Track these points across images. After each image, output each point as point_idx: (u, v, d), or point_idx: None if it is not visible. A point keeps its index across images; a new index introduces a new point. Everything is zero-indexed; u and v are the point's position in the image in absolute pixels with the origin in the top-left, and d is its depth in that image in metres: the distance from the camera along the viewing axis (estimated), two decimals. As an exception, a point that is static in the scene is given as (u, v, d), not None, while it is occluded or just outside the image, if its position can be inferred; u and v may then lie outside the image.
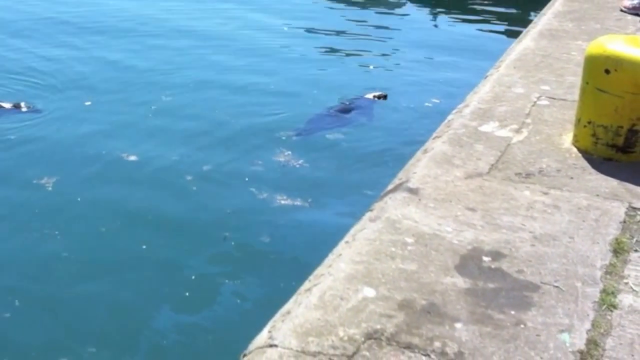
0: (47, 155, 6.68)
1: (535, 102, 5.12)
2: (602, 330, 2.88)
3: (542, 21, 7.20)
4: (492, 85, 5.43)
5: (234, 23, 11.15)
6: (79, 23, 10.70)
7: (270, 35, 10.64)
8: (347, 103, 8.01)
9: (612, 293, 3.09)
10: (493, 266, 3.25)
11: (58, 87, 8.31)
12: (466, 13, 12.23)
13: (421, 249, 3.34)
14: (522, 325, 2.87)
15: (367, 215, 3.73)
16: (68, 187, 6.10)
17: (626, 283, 3.18)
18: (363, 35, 10.93)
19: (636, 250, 3.42)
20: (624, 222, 3.64)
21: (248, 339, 2.90)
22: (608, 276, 3.21)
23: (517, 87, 5.37)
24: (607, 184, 4.02)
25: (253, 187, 6.18)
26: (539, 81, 5.49)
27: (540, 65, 5.85)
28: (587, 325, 2.90)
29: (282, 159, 6.68)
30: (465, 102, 5.26)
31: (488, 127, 4.69)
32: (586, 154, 4.35)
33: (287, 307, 3.02)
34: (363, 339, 2.75)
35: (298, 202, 5.98)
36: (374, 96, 8.18)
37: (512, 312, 2.95)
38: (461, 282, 3.12)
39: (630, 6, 7.33)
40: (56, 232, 5.46)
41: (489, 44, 10.62)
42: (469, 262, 3.26)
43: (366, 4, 12.60)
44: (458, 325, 2.86)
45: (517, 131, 4.64)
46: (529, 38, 6.63)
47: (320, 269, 3.27)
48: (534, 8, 10.84)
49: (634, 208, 3.77)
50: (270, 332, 2.82)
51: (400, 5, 12.82)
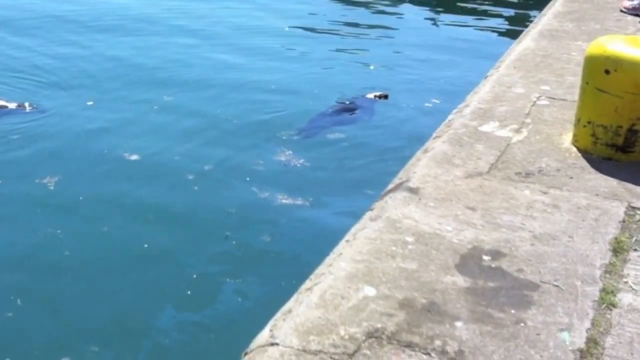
0: (50, 155, 6.68)
1: (535, 102, 5.13)
2: (601, 329, 2.89)
3: (542, 21, 7.21)
4: (492, 85, 5.44)
5: (236, 22, 11.15)
6: (82, 21, 10.71)
7: (271, 34, 10.64)
8: (348, 102, 8.02)
9: (612, 292, 3.10)
10: (493, 265, 3.26)
11: (61, 85, 8.33)
12: (466, 13, 12.24)
13: (421, 248, 3.35)
14: (522, 324, 2.88)
15: (368, 214, 3.74)
16: (70, 186, 6.11)
17: (625, 282, 3.19)
18: (364, 34, 10.94)
19: (635, 250, 3.43)
20: (624, 221, 3.65)
21: (249, 337, 2.91)
22: (607, 275, 3.22)
23: (517, 87, 5.38)
24: (606, 183, 4.03)
25: (254, 186, 6.19)
26: (539, 81, 5.51)
27: (540, 65, 5.86)
28: (587, 324, 2.91)
29: (283, 158, 6.69)
30: (466, 102, 5.27)
31: (488, 127, 4.70)
32: (586, 154, 4.36)
33: (288, 305, 3.03)
34: (364, 337, 2.76)
35: (299, 201, 5.99)
36: (375, 96, 8.19)
37: (512, 311, 2.96)
38: (461, 281, 3.13)
39: (630, 7, 7.35)
40: (58, 230, 5.47)
41: (489, 44, 10.64)
42: (469, 261, 3.27)
43: (367, 3, 12.61)
44: (458, 324, 2.87)
45: (517, 131, 4.65)
46: (529, 38, 6.64)
47: (321, 268, 3.28)
48: (534, 8, 10.85)
49: (634, 207, 3.78)
50: (271, 330, 2.83)
51: (401, 5, 12.83)
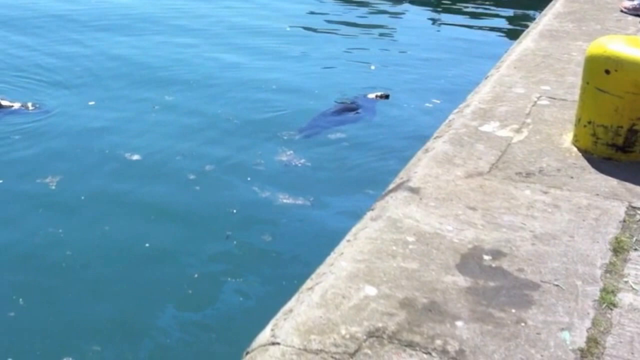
0: (52, 155, 6.69)
1: (535, 102, 5.13)
2: (602, 329, 2.89)
3: (543, 22, 7.22)
4: (492, 86, 5.45)
5: (238, 21, 11.18)
6: (84, 21, 10.77)
7: (273, 34, 10.66)
8: (349, 102, 8.03)
9: (612, 292, 3.11)
10: (494, 265, 3.26)
11: (64, 85, 8.35)
12: (467, 14, 12.26)
13: (422, 248, 3.36)
14: (523, 324, 2.89)
15: (369, 214, 3.75)
16: (72, 186, 6.12)
17: (626, 282, 3.20)
18: (365, 34, 10.95)
19: (636, 249, 3.44)
20: (624, 221, 3.66)
21: (251, 336, 2.92)
22: (608, 275, 3.23)
23: (518, 87, 5.39)
24: (607, 183, 4.03)
25: (255, 186, 6.20)
26: (540, 81, 5.51)
27: (541, 65, 5.87)
28: (588, 323, 2.91)
29: (284, 158, 6.70)
30: (466, 102, 5.28)
31: (489, 127, 4.71)
32: (586, 154, 4.36)
33: (289, 305, 3.03)
34: (365, 337, 2.77)
35: (300, 201, 6.00)
36: (376, 96, 8.20)
37: (513, 311, 2.97)
38: (462, 281, 3.14)
39: (631, 7, 7.36)
40: (60, 230, 5.49)
41: (490, 44, 10.66)
42: (470, 261, 3.28)
43: (368, 3, 12.62)
44: (459, 323, 2.88)
45: (518, 131, 4.66)
46: (529, 38, 6.65)
47: (322, 268, 3.29)
48: (535, 9, 10.86)
49: (634, 207, 3.78)
50: (272, 330, 2.83)
51: (402, 5, 12.84)
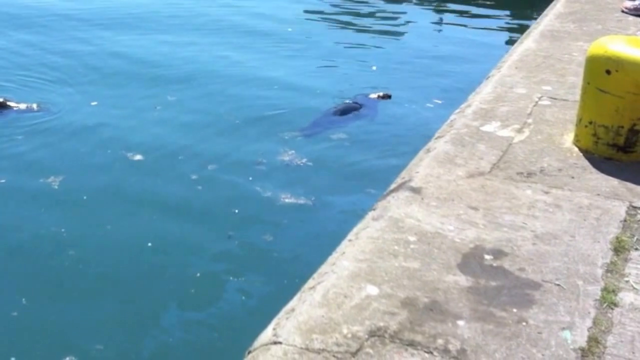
0: (55, 155, 6.69)
1: (536, 102, 5.14)
2: (603, 328, 2.90)
3: (544, 22, 7.23)
4: (494, 86, 5.46)
5: (240, 20, 11.21)
6: (87, 19, 10.81)
7: (274, 34, 10.67)
8: (351, 102, 8.03)
9: (613, 291, 3.12)
10: (495, 264, 3.27)
11: (69, 82, 8.38)
12: (468, 14, 12.27)
13: (424, 248, 3.37)
14: (524, 323, 2.90)
15: (370, 214, 3.76)
16: (74, 186, 6.11)
17: (627, 281, 3.21)
18: (366, 34, 10.97)
19: (637, 249, 3.44)
20: (625, 220, 3.67)
21: (253, 336, 2.93)
22: (609, 274, 3.24)
23: (519, 88, 5.40)
24: (607, 183, 4.04)
25: (257, 185, 6.21)
26: (541, 81, 5.52)
27: (542, 65, 5.88)
28: (589, 322, 2.92)
29: (286, 157, 6.71)
30: (468, 102, 5.28)
31: (490, 127, 4.72)
32: (587, 154, 4.37)
33: (291, 304, 3.05)
34: (366, 336, 2.78)
35: (302, 201, 6.01)
36: (378, 96, 8.22)
37: (514, 310, 2.98)
38: (463, 280, 3.15)
39: (632, 7, 7.37)
40: (62, 229, 5.49)
41: (491, 44, 10.67)
42: (471, 261, 3.29)
43: (370, 3, 12.63)
44: (460, 322, 2.89)
45: (519, 131, 4.67)
46: (530, 39, 6.66)
47: (324, 267, 3.30)
48: (536, 9, 10.86)
49: (635, 207, 3.79)
50: (274, 329, 2.84)
51: (404, 5, 12.85)
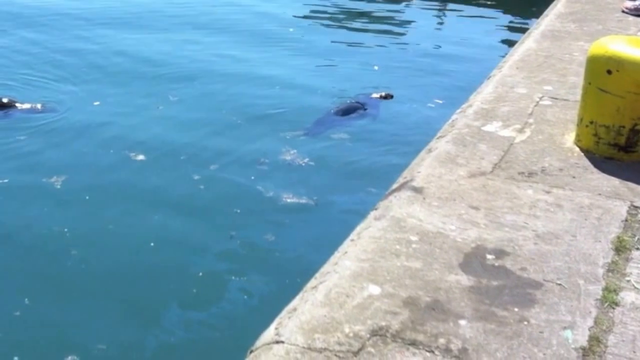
0: (59, 155, 6.68)
1: (537, 102, 5.15)
2: (604, 327, 2.91)
3: (545, 22, 7.24)
4: (495, 86, 5.47)
5: (242, 19, 11.23)
6: (90, 18, 10.82)
7: (276, 32, 10.68)
8: (353, 102, 8.04)
9: (614, 290, 3.13)
10: (496, 264, 3.28)
11: (72, 81, 8.38)
12: (470, 14, 12.27)
13: (425, 247, 3.38)
14: (526, 322, 2.91)
15: (372, 213, 3.77)
16: (78, 186, 6.10)
17: (628, 281, 3.22)
18: (368, 34, 10.97)
19: (638, 249, 3.45)
20: (626, 220, 3.68)
21: (255, 335, 2.93)
22: (610, 274, 3.25)
23: (520, 88, 5.41)
24: (609, 183, 4.05)
25: (259, 185, 6.22)
26: (542, 81, 5.53)
27: (543, 65, 5.89)
28: (590, 322, 2.93)
29: (288, 157, 6.71)
30: (469, 102, 5.29)
31: (491, 127, 4.73)
32: (588, 154, 4.38)
33: (293, 304, 3.05)
34: (368, 335, 2.79)
35: (304, 200, 6.01)
36: (380, 96, 8.23)
37: (516, 309, 2.99)
38: (465, 280, 3.16)
39: (632, 7, 7.37)
40: (65, 229, 5.50)
41: (492, 44, 10.68)
42: (473, 260, 3.30)
43: (372, 3, 12.64)
44: (462, 322, 2.89)
45: (520, 131, 4.68)
46: (531, 39, 6.67)
47: (326, 267, 3.31)
48: (537, 9, 10.87)
49: (636, 207, 3.80)
50: (277, 328, 2.85)
51: (406, 5, 12.86)
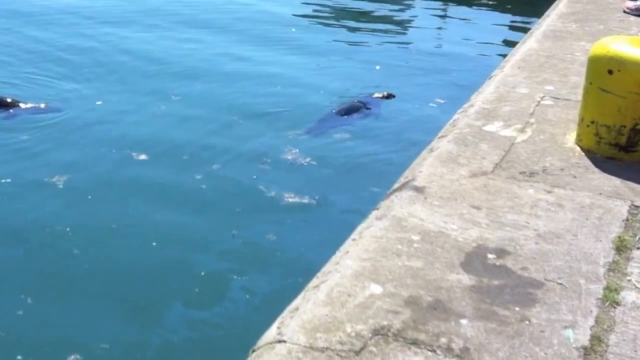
0: (62, 153, 6.70)
1: (539, 102, 5.16)
2: (605, 327, 2.92)
3: (546, 22, 7.24)
4: (496, 86, 5.47)
5: (244, 17, 11.25)
6: (93, 17, 10.85)
7: (278, 32, 10.69)
8: (355, 102, 8.05)
9: (615, 290, 3.13)
10: (498, 263, 3.29)
11: (76, 80, 8.41)
12: (471, 14, 12.27)
13: (427, 247, 3.38)
14: (527, 322, 2.91)
15: (374, 213, 3.77)
16: (80, 185, 6.11)
17: (629, 280, 3.22)
18: (370, 34, 10.98)
19: (639, 248, 3.46)
20: (627, 220, 3.68)
21: (257, 334, 2.94)
22: (611, 273, 3.25)
23: (521, 87, 5.41)
24: (610, 182, 4.06)
25: (261, 184, 6.22)
26: (543, 81, 5.53)
27: (544, 65, 5.89)
28: (591, 321, 2.94)
29: (290, 157, 6.72)
30: (470, 102, 5.30)
31: (492, 127, 4.73)
32: (589, 153, 4.39)
33: (295, 303, 3.06)
34: (370, 334, 2.79)
35: (305, 200, 6.02)
36: (382, 95, 8.24)
37: (517, 309, 2.99)
38: (466, 279, 3.16)
39: (633, 7, 7.37)
40: (68, 228, 5.51)
41: (494, 44, 10.69)
42: (474, 260, 3.30)
43: (373, 3, 12.65)
44: (463, 321, 2.90)
45: (521, 131, 4.68)
46: (533, 39, 6.67)
47: (328, 266, 3.31)
48: (538, 9, 10.87)
49: (637, 206, 3.80)
50: (279, 328, 2.86)
51: (408, 5, 12.86)
